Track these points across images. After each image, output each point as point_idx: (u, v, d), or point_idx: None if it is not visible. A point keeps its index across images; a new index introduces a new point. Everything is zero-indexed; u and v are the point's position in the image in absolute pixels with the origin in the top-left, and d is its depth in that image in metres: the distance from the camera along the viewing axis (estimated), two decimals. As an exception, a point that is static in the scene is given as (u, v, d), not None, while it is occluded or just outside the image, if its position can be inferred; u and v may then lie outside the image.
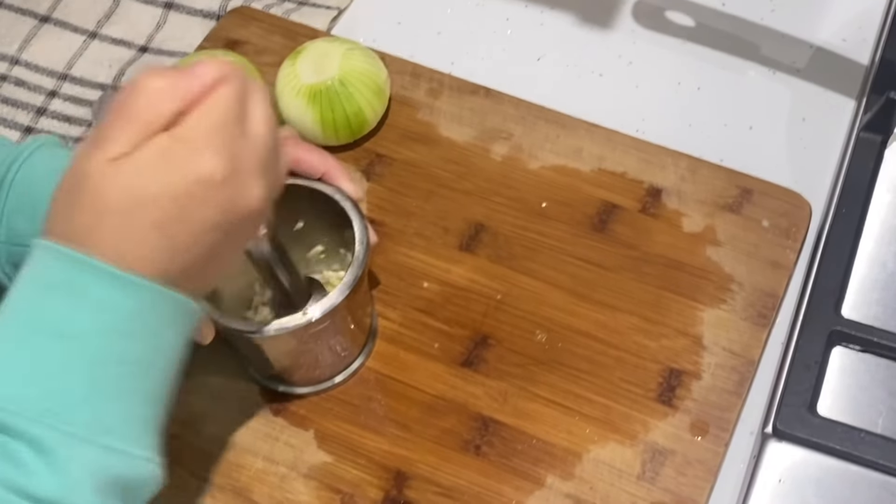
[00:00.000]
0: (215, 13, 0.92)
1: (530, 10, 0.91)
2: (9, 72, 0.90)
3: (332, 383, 0.72)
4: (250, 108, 0.54)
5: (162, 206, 0.51)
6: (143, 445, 0.52)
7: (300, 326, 0.64)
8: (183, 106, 0.52)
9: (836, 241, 0.75)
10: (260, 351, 0.69)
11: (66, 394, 0.49)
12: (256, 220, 0.55)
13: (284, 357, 0.70)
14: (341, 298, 0.65)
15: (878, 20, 0.88)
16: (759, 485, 0.67)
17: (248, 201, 0.53)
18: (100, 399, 0.51)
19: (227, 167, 0.52)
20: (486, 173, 0.80)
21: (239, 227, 0.54)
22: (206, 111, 0.52)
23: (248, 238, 0.58)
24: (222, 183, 0.52)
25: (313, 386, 0.72)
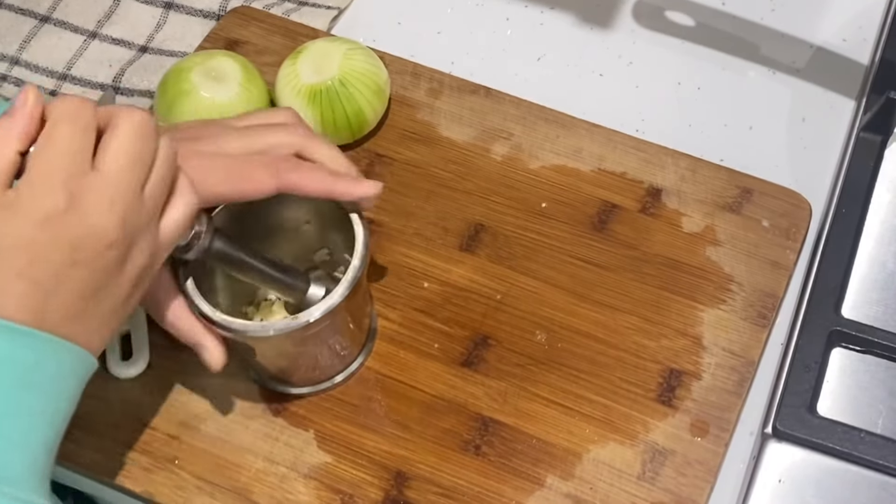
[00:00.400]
0: (215, 13, 0.92)
1: (530, 10, 0.91)
2: (9, 72, 0.90)
3: (331, 383, 0.72)
4: (106, 141, 0.54)
5: (16, 254, 0.52)
6: (42, 494, 0.53)
7: (299, 327, 0.64)
8: (23, 146, 0.53)
9: (836, 241, 0.75)
10: (258, 352, 0.69)
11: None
12: (122, 249, 0.55)
13: (283, 358, 0.70)
14: (340, 299, 0.65)
15: (878, 20, 0.88)
16: (759, 485, 0.67)
17: (98, 233, 0.53)
18: (6, 451, 0.52)
19: (67, 203, 0.52)
20: (486, 173, 0.80)
21: (103, 260, 0.54)
22: (42, 149, 0.53)
23: (134, 268, 0.57)
24: (64, 220, 0.52)
25: (313, 386, 0.72)
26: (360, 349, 0.73)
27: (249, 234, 0.67)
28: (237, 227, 0.67)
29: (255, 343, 0.67)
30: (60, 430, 0.56)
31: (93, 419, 0.72)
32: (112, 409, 0.72)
